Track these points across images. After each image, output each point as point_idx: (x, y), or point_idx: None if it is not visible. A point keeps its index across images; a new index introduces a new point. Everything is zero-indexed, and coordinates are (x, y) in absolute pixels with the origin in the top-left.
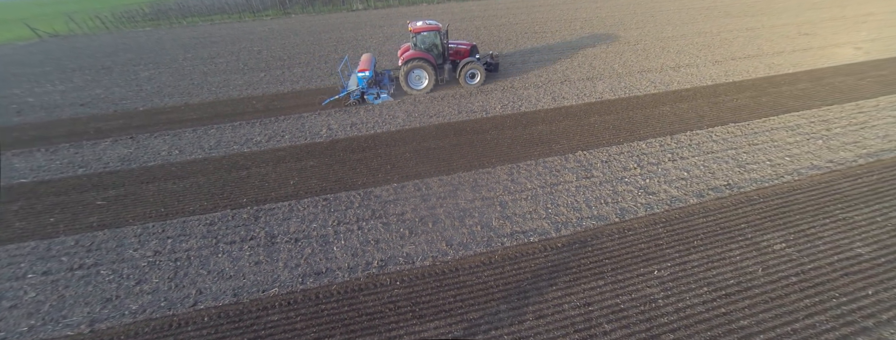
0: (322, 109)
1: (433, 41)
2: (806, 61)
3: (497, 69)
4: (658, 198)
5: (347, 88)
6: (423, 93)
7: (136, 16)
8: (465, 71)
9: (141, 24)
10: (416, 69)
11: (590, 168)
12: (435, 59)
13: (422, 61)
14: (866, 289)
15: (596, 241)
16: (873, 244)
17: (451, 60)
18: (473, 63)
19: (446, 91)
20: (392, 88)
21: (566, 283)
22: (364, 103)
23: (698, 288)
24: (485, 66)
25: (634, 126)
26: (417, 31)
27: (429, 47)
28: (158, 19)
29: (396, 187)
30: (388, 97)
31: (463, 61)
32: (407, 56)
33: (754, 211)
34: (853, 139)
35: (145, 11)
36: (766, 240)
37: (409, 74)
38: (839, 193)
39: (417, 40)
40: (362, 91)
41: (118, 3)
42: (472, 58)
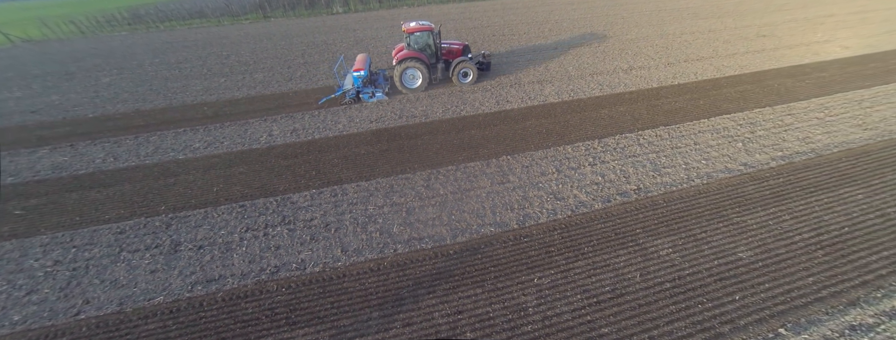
0: (319, 107)
1: (426, 41)
2: (754, 63)
3: (489, 68)
4: (565, 204)
5: (343, 88)
6: (418, 92)
7: (113, 20)
8: (458, 70)
9: (118, 29)
10: (409, 69)
11: (508, 174)
12: (428, 58)
13: (415, 61)
14: (734, 294)
15: (489, 248)
16: (757, 248)
17: (444, 59)
18: (466, 62)
19: (400, 96)
20: (387, 87)
21: (445, 291)
22: (359, 102)
23: (573, 296)
24: (477, 65)
25: (567, 130)
26: (411, 32)
27: (422, 47)
28: (136, 24)
29: (314, 193)
30: (383, 96)
31: (455, 61)
32: (401, 56)
33: (654, 216)
34: (773, 142)
35: (123, 16)
36: (654, 245)
37: (404, 74)
38: (742, 196)
39: (411, 40)
40: (358, 90)
41: (114, 6)
42: (464, 57)
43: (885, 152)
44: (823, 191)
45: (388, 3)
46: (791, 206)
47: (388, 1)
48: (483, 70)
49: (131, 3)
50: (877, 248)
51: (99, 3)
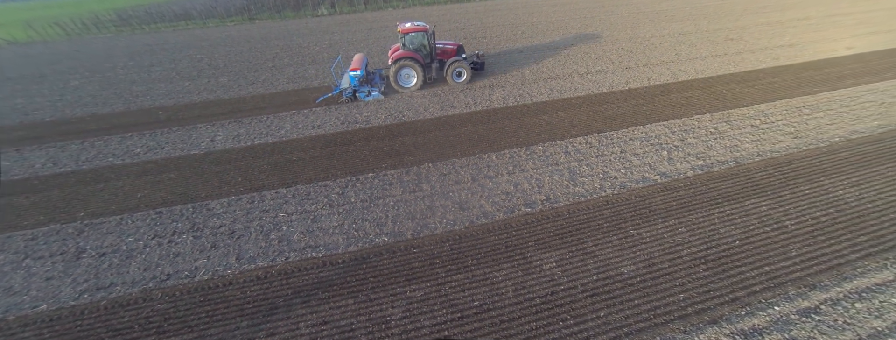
0: (316, 106)
1: (421, 41)
2: (711, 68)
3: (483, 68)
4: (467, 214)
5: (340, 87)
6: (413, 90)
7: (100, 22)
8: (452, 69)
9: (104, 31)
10: (405, 68)
11: (423, 182)
12: (423, 58)
13: (410, 61)
14: (600, 311)
15: (376, 258)
16: (642, 262)
17: (439, 59)
18: (459, 62)
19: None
20: (383, 86)
21: (319, 301)
22: (356, 101)
23: (440, 310)
24: (471, 65)
25: (500, 137)
26: (406, 32)
27: (417, 47)
28: (122, 26)
29: (233, 200)
30: (379, 95)
31: (450, 60)
32: (396, 56)
33: (552, 228)
34: (699, 150)
35: (109, 18)
36: (541, 259)
37: (399, 73)
38: (647, 207)
39: (406, 41)
40: (354, 89)
41: (110, 7)
42: (458, 57)
43: (805, 161)
44: (730, 202)
45: (373, 5)
46: (692, 218)
47: (373, 3)
48: (477, 70)
49: (127, 5)
50: (760, 263)
51: (97, 5)
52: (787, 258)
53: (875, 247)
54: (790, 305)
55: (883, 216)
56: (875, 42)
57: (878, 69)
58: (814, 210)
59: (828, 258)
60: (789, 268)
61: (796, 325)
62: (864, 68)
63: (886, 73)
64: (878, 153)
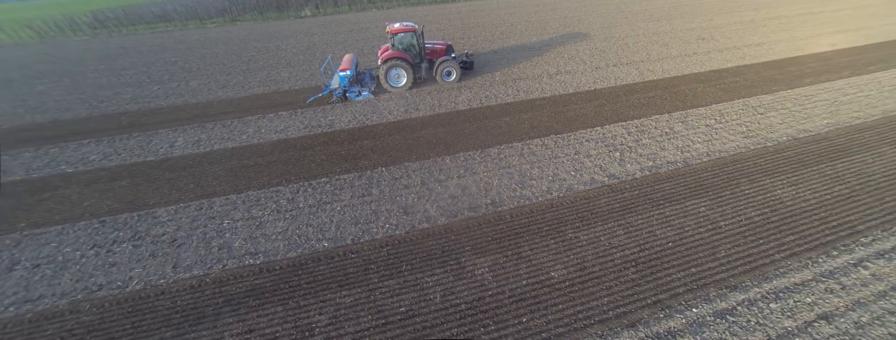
0: (306, 106)
1: (410, 41)
2: (678, 67)
3: (472, 67)
4: (411, 219)
5: (330, 87)
6: (403, 90)
7: (76, 24)
8: (441, 69)
9: (80, 34)
10: (394, 68)
11: (373, 186)
12: (412, 58)
13: (400, 61)
14: (522, 317)
15: (313, 265)
16: (573, 266)
17: (429, 58)
18: (449, 62)
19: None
20: (373, 85)
21: (248, 309)
22: (346, 101)
23: (365, 316)
24: (461, 64)
25: (458, 139)
26: (395, 32)
27: (406, 47)
28: (99, 28)
29: (181, 207)
30: (368, 95)
31: (439, 60)
32: (386, 56)
33: (492, 232)
34: (651, 151)
35: (85, 20)
36: (474, 264)
37: (389, 73)
38: (590, 210)
39: (395, 41)
40: (344, 89)
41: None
42: (447, 57)
43: (751, 161)
44: (671, 203)
45: (357, 6)
46: (631, 220)
47: (357, 4)
48: (467, 69)
49: (110, 6)
50: (688, 264)
51: (79, 7)
52: (715, 260)
53: (801, 246)
54: (708, 307)
55: (814, 216)
56: (842, 40)
57: (838, 67)
58: (750, 210)
59: (754, 258)
60: (715, 269)
61: (710, 327)
62: (824, 67)
63: (844, 71)
64: (822, 152)
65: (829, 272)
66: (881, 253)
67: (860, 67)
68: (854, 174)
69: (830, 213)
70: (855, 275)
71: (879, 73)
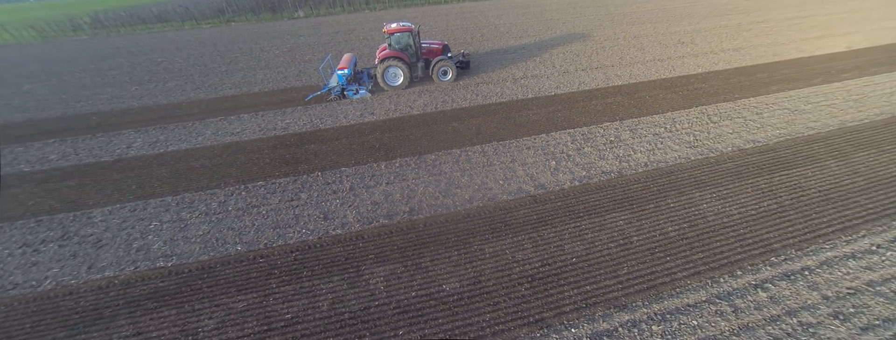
0: (305, 104)
1: (407, 41)
2: (647, 73)
3: (468, 67)
4: (327, 224)
5: (329, 85)
6: (400, 89)
7: (77, 25)
8: (437, 68)
9: (80, 34)
10: (391, 67)
11: (303, 191)
12: (409, 58)
13: (396, 60)
14: (400, 329)
15: (221, 268)
16: (469, 279)
17: (425, 58)
18: (445, 61)
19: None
20: (370, 84)
21: (144, 311)
22: (344, 99)
23: (252, 323)
24: (457, 64)
25: (401, 144)
26: (391, 33)
27: (403, 47)
28: (98, 28)
29: (117, 208)
30: (366, 93)
31: (435, 60)
32: (383, 55)
33: (400, 241)
34: (589, 160)
35: (85, 21)
36: (372, 273)
37: (386, 72)
38: (505, 222)
39: (392, 41)
40: (342, 87)
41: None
42: (443, 56)
43: (688, 172)
44: (591, 216)
45: (351, 7)
46: (543, 233)
47: (351, 6)
48: (463, 68)
49: (125, 4)
50: (585, 281)
51: (96, 5)
52: (615, 277)
53: (707, 265)
54: (588, 327)
55: (732, 232)
56: (820, 46)
57: (810, 75)
58: (668, 225)
59: (655, 276)
60: (611, 288)
61: None
62: (797, 74)
63: (816, 78)
64: (763, 164)
65: (725, 294)
66: (787, 274)
67: (833, 74)
68: (788, 189)
69: (750, 230)
70: (751, 297)
71: (851, 81)
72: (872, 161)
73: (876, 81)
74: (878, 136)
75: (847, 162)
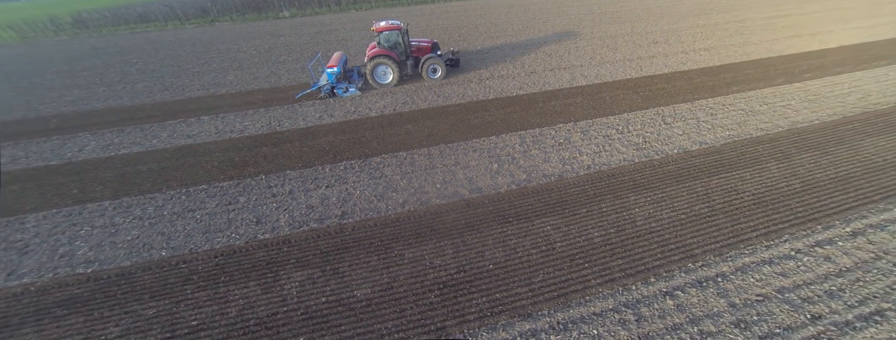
0: (295, 101)
1: (396, 39)
2: (614, 73)
3: (458, 64)
4: (258, 229)
5: (318, 84)
6: (390, 87)
7: (58, 25)
8: (427, 66)
9: (62, 34)
10: (380, 65)
11: (243, 195)
12: (398, 56)
13: (386, 58)
14: (301, 336)
15: (141, 274)
16: (381, 286)
17: (414, 56)
18: (434, 59)
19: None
20: (360, 82)
21: (54, 318)
22: (335, 97)
23: (156, 329)
24: (447, 62)
25: (350, 147)
26: (380, 31)
27: (392, 45)
28: (82, 29)
29: (53, 212)
30: (356, 91)
31: (424, 58)
32: (372, 53)
33: (324, 245)
34: (533, 163)
35: (67, 21)
36: (289, 278)
37: (375, 70)
38: (430, 226)
39: (381, 39)
40: (332, 86)
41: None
42: (433, 54)
43: (629, 175)
44: (520, 221)
45: (337, 7)
46: (468, 238)
47: (338, 6)
48: (452, 66)
49: (115, 4)
50: (497, 289)
51: (84, 4)
52: (528, 285)
53: (623, 272)
54: (487, 336)
55: (656, 238)
56: (791, 45)
57: (773, 74)
58: (594, 231)
59: (568, 284)
60: (521, 295)
61: None
62: (761, 74)
63: (778, 78)
64: (705, 167)
65: (633, 302)
66: (700, 281)
67: (796, 74)
68: (724, 192)
69: (675, 235)
70: (658, 306)
71: (812, 81)
72: (812, 163)
73: (836, 82)
74: (824, 137)
75: (788, 164)
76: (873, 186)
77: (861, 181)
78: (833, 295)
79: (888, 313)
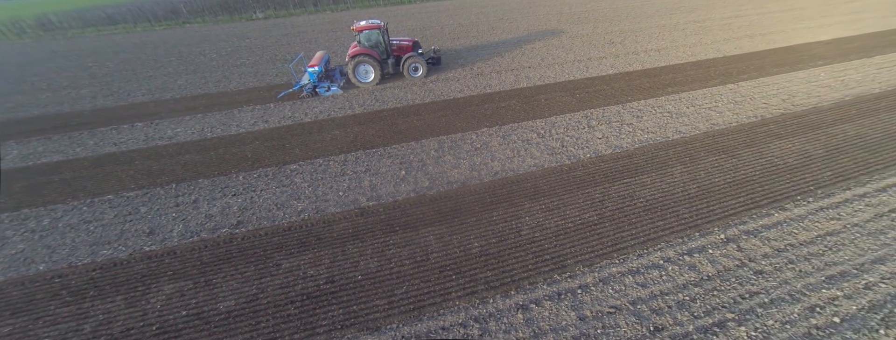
0: (277, 101)
1: (377, 38)
2: (560, 74)
3: (440, 62)
4: (148, 240)
5: (300, 83)
6: (372, 85)
7: (21, 28)
8: (408, 65)
9: (25, 37)
10: (362, 64)
11: (144, 205)
12: (379, 55)
13: (366, 57)
14: None
15: (8, 290)
16: (246, 298)
17: (395, 55)
18: (415, 58)
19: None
20: (342, 81)
21: None
22: (316, 95)
23: (73, 333)
24: (428, 60)
25: (271, 153)
26: (360, 30)
27: (373, 44)
28: (47, 31)
29: None
30: (337, 90)
31: (405, 56)
32: (353, 52)
33: (208, 256)
34: (442, 170)
35: (29, 23)
36: (158, 291)
37: (356, 69)
38: (317, 235)
39: (361, 38)
40: (314, 84)
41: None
42: (413, 53)
43: (533, 181)
44: (405, 231)
45: (311, 8)
46: (348, 248)
47: (311, 7)
48: (434, 64)
49: (93, 4)
50: (356, 302)
51: (54, 6)
52: (389, 297)
53: (487, 284)
54: None
55: (535, 247)
56: (739, 46)
57: (713, 75)
58: (476, 241)
59: (428, 296)
60: (377, 308)
61: None
62: (702, 74)
63: (715, 79)
64: (610, 172)
65: (485, 316)
66: (558, 293)
67: (733, 75)
68: (620, 198)
69: (555, 245)
70: (508, 319)
71: (746, 82)
72: (715, 167)
73: (768, 83)
74: (736, 140)
75: (693, 168)
76: (765, 190)
77: (755, 186)
78: (683, 306)
79: (729, 323)
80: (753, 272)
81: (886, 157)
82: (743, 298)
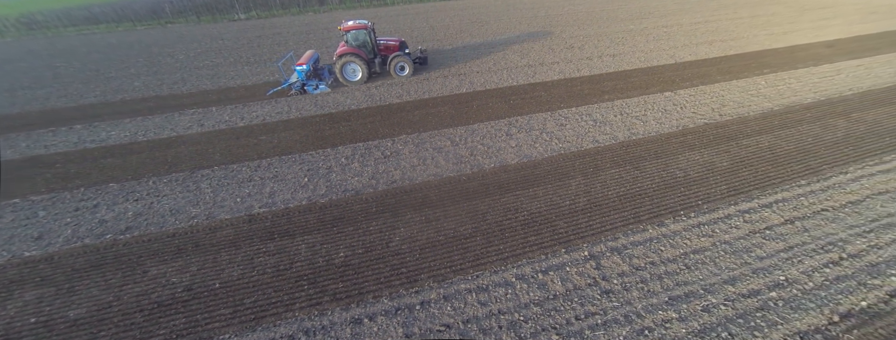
0: (266, 98)
1: (364, 38)
2: (507, 79)
3: (426, 62)
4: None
5: (289, 81)
6: (359, 84)
7: (3, 26)
8: (395, 64)
9: (6, 35)
10: (349, 63)
11: (44, 209)
12: (366, 54)
13: (354, 56)
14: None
15: None
16: (96, 306)
17: (382, 54)
18: (401, 57)
19: None
20: (331, 80)
21: None
22: (305, 94)
23: None
24: (415, 60)
25: (189, 159)
26: (347, 29)
27: (361, 44)
28: (27, 30)
29: None
30: (325, 88)
31: (391, 56)
32: (340, 52)
33: (81, 263)
34: (343, 177)
35: (9, 22)
36: (19, 298)
37: (344, 68)
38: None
39: (349, 37)
40: (303, 83)
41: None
42: (400, 52)
43: (423, 192)
44: (283, 238)
45: (296, 9)
46: (221, 256)
47: (294, 7)
48: (420, 64)
49: (83, 3)
50: (203, 311)
51: (40, 4)
52: (235, 306)
53: (333, 296)
54: None
55: (396, 260)
56: (695, 52)
57: (658, 82)
58: (344, 251)
59: (272, 306)
60: (219, 317)
61: None
62: (647, 81)
63: (655, 86)
64: (507, 182)
65: (318, 328)
66: (397, 309)
67: (677, 82)
68: (504, 211)
69: (418, 258)
70: (336, 333)
71: (685, 90)
72: (614, 179)
73: (706, 91)
74: (648, 150)
75: (592, 180)
76: (653, 204)
77: (645, 199)
78: (513, 326)
79: None
80: (601, 292)
81: (789, 170)
82: (577, 319)
